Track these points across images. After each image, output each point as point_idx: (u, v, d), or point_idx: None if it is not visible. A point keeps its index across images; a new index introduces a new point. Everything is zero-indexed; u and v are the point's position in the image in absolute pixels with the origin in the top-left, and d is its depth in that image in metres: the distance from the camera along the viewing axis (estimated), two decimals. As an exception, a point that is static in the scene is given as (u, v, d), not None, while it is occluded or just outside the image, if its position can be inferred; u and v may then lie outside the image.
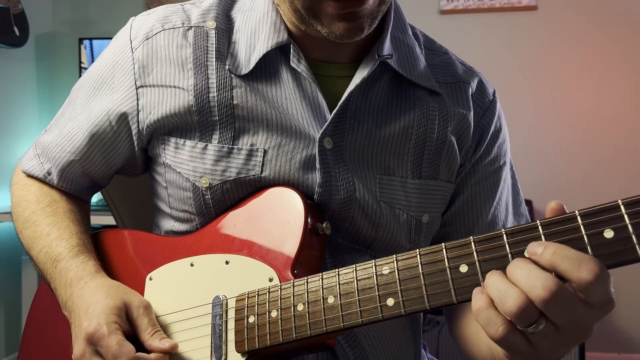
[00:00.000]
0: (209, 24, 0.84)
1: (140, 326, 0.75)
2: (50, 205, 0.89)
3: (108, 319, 0.73)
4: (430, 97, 0.86)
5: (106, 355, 0.71)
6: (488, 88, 0.92)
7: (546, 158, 2.82)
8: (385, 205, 0.82)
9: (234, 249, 0.78)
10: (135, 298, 0.78)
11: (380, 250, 0.84)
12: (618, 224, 0.52)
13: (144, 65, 0.84)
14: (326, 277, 0.67)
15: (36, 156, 0.93)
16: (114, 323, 0.73)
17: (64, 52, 3.09)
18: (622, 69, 2.78)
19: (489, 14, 2.87)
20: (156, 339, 0.74)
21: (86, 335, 0.73)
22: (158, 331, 0.75)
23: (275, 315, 0.69)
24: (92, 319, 0.73)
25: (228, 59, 0.83)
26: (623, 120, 2.78)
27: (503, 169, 0.92)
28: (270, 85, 0.82)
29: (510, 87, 2.83)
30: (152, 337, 0.74)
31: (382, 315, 0.62)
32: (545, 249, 0.52)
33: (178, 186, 0.84)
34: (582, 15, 2.81)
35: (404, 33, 0.88)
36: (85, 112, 0.88)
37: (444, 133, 0.85)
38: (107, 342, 0.71)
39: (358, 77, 0.81)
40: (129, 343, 0.72)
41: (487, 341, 0.74)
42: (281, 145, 0.80)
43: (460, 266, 0.58)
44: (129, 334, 0.74)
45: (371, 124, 0.83)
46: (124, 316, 0.75)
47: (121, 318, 0.74)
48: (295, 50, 0.80)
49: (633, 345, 2.73)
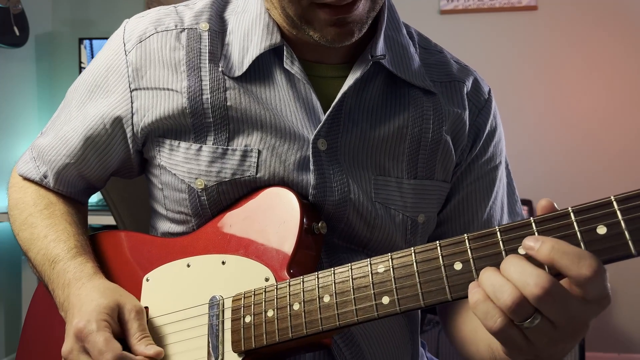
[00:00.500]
0: (202, 26, 0.84)
1: (130, 330, 0.75)
2: (47, 208, 0.89)
3: (98, 317, 0.73)
4: (425, 97, 0.86)
5: (92, 351, 0.71)
6: (483, 87, 0.92)
7: (546, 158, 2.82)
8: (380, 206, 0.82)
9: (230, 249, 0.78)
10: (128, 301, 0.77)
11: (376, 250, 0.84)
12: (611, 220, 0.52)
13: (137, 68, 0.84)
14: (322, 276, 0.67)
15: (32, 159, 0.93)
16: (103, 321, 0.73)
17: (64, 52, 3.10)
18: (623, 69, 2.78)
19: (489, 14, 2.88)
20: (142, 344, 0.74)
21: (75, 331, 0.73)
22: (146, 337, 0.75)
23: (272, 315, 0.69)
24: (83, 316, 0.73)
25: (221, 60, 0.83)
26: (623, 120, 2.78)
27: (499, 168, 0.92)
28: (263, 87, 0.82)
29: (510, 87, 2.83)
30: (139, 342, 0.74)
31: (377, 313, 0.62)
32: (542, 244, 0.52)
33: (173, 188, 0.84)
34: (582, 15, 2.81)
35: (398, 32, 0.88)
36: (80, 116, 0.88)
37: (439, 133, 0.85)
38: (94, 338, 0.71)
39: (351, 78, 0.81)
40: (116, 341, 0.72)
41: (487, 339, 0.74)
42: (275, 146, 0.80)
43: (454, 264, 0.58)
44: (118, 336, 0.74)
45: (365, 125, 0.83)
46: (115, 317, 0.75)
47: (112, 318, 0.75)
48: (288, 52, 0.80)
49: (633, 345, 2.73)
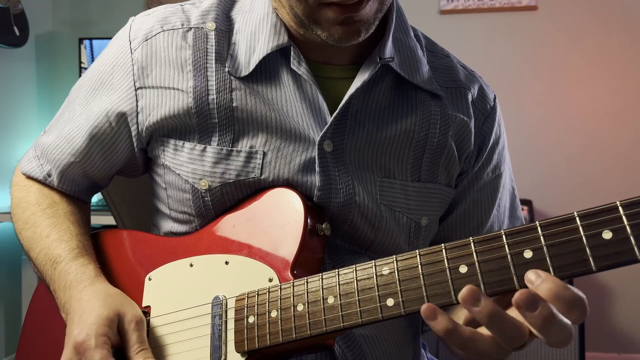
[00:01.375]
0: (208, 26, 0.84)
1: (129, 341, 0.74)
2: (50, 207, 0.89)
3: (98, 331, 0.72)
4: (432, 101, 0.86)
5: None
6: (489, 94, 0.92)
7: (546, 158, 2.82)
8: (385, 208, 0.82)
9: (234, 250, 0.78)
10: (129, 310, 0.76)
11: (379, 252, 0.84)
12: (616, 225, 0.52)
13: (143, 66, 0.83)
14: (326, 278, 0.67)
15: (36, 158, 0.93)
16: (102, 336, 0.72)
17: (64, 52, 3.09)
18: (623, 69, 2.78)
19: (489, 14, 2.87)
20: (140, 357, 0.73)
21: (74, 344, 0.72)
22: (144, 349, 0.74)
23: (275, 316, 0.69)
24: (83, 328, 0.73)
25: (228, 60, 0.82)
26: (624, 121, 2.78)
27: (503, 175, 0.92)
28: (270, 87, 0.82)
29: (510, 87, 2.83)
30: (137, 355, 0.73)
31: (381, 315, 0.62)
32: (541, 282, 0.54)
33: (177, 188, 0.84)
34: (582, 15, 2.81)
35: (406, 35, 0.87)
36: (85, 113, 0.88)
37: (444, 137, 0.85)
38: (91, 355, 0.70)
39: (359, 80, 0.81)
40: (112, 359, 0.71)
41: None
42: (280, 147, 0.80)
43: (459, 267, 0.58)
44: (117, 346, 0.74)
45: (372, 126, 0.82)
46: (115, 328, 0.74)
47: (112, 329, 0.74)
48: (295, 52, 0.80)
49: (633, 345, 2.73)
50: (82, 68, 2.82)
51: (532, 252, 0.55)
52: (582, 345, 2.26)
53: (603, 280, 2.72)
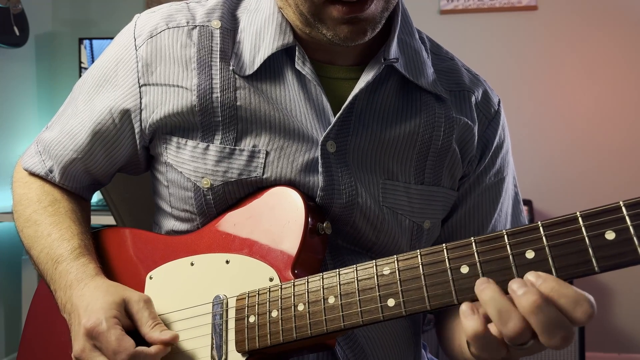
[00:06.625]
0: (213, 24, 0.84)
1: (141, 319, 0.75)
2: (51, 205, 0.89)
3: (107, 314, 0.73)
4: (437, 103, 0.85)
5: (106, 351, 0.71)
6: (493, 98, 0.92)
7: (546, 158, 2.82)
8: (388, 211, 0.82)
9: (235, 249, 0.78)
10: (134, 294, 0.77)
11: (380, 254, 0.84)
12: (619, 225, 0.51)
13: (147, 63, 0.83)
14: (327, 277, 0.67)
15: (37, 153, 0.93)
16: (113, 318, 0.73)
17: (64, 52, 3.09)
18: (622, 69, 2.78)
19: (489, 14, 2.88)
20: (157, 331, 0.74)
21: (85, 331, 0.72)
22: (159, 324, 0.75)
23: (276, 315, 0.69)
24: (91, 315, 0.73)
25: (232, 59, 0.82)
26: (623, 120, 2.78)
27: (506, 180, 0.92)
28: (274, 87, 0.82)
29: (510, 87, 2.83)
30: (152, 330, 0.74)
31: (382, 315, 0.62)
32: (543, 282, 0.53)
33: (179, 186, 0.84)
34: (582, 15, 2.81)
35: (411, 37, 0.87)
36: (88, 110, 0.88)
37: (448, 140, 0.85)
38: (106, 337, 0.71)
39: (363, 81, 0.80)
40: (128, 337, 0.72)
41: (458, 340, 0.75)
42: (283, 147, 0.80)
43: (461, 267, 0.58)
44: (129, 329, 0.74)
45: (376, 128, 0.82)
46: (123, 311, 0.75)
47: (121, 313, 0.74)
48: (300, 52, 0.80)
49: (633, 345, 2.73)
50: (82, 68, 2.82)
51: (534, 252, 0.55)
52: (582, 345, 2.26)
53: (603, 280, 2.72)
